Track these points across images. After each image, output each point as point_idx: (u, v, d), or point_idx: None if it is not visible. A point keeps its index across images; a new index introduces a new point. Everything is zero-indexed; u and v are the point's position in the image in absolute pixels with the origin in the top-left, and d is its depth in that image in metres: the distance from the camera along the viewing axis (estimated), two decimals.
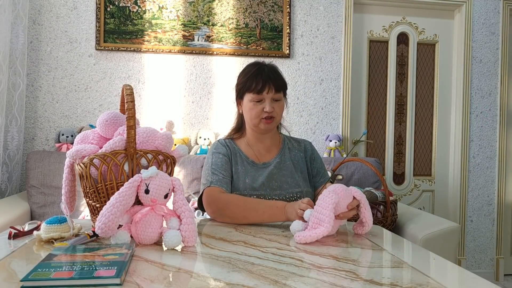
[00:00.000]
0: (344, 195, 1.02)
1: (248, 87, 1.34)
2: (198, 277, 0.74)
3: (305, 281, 0.71)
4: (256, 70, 1.36)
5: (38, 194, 2.18)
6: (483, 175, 2.97)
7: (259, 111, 1.34)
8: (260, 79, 1.33)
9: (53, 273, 0.69)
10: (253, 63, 1.42)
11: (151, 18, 2.55)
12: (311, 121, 2.74)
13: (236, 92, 1.42)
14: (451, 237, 1.79)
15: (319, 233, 0.96)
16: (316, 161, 1.47)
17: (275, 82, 1.34)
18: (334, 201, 0.98)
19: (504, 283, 2.93)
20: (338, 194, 1.01)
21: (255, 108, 1.34)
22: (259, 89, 1.32)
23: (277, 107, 1.35)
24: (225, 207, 1.23)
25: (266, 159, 1.41)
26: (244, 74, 1.39)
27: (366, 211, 1.06)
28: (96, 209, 1.04)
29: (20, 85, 2.32)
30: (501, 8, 2.92)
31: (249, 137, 1.44)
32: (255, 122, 1.36)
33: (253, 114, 1.35)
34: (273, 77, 1.34)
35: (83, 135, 1.11)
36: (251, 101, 1.35)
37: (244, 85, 1.36)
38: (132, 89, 1.02)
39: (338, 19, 2.75)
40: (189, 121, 2.62)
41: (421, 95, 2.99)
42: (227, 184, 1.32)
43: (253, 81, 1.33)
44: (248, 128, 1.44)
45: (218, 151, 1.39)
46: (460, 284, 0.79)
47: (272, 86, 1.33)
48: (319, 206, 1.00)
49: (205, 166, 1.38)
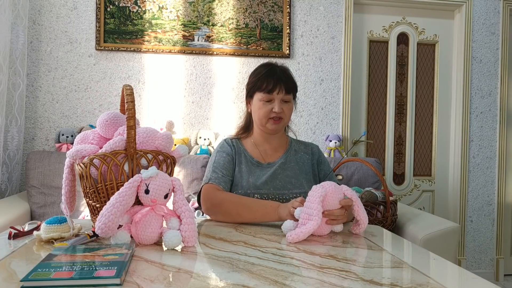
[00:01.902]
0: (333, 190, 1.03)
1: (258, 87, 1.36)
2: (198, 277, 0.74)
3: (305, 281, 0.71)
4: (268, 71, 1.37)
5: (38, 194, 2.18)
6: (483, 175, 2.97)
7: (268, 111, 1.35)
8: (271, 79, 1.34)
9: (53, 273, 0.69)
10: (265, 64, 1.42)
11: (151, 18, 2.55)
12: (311, 121, 2.74)
13: (247, 91, 1.43)
14: (451, 237, 1.79)
15: (309, 228, 0.96)
16: (323, 164, 1.47)
17: (286, 84, 1.35)
18: (321, 194, 0.99)
19: (504, 283, 2.93)
20: (324, 187, 1.02)
21: (264, 107, 1.35)
22: (270, 89, 1.33)
23: (286, 109, 1.36)
24: (219, 204, 1.24)
25: (271, 159, 1.42)
26: (256, 74, 1.40)
27: (360, 209, 1.07)
28: (96, 209, 1.04)
29: (20, 85, 2.32)
30: (501, 8, 2.92)
31: (256, 137, 1.45)
32: (263, 121, 1.37)
33: (261, 114, 1.36)
34: (285, 79, 1.35)
35: (83, 135, 1.11)
36: (260, 100, 1.36)
37: (255, 84, 1.37)
38: (132, 89, 1.02)
39: (338, 19, 2.75)
40: (189, 121, 2.62)
41: (421, 95, 2.99)
42: (225, 183, 1.32)
43: (264, 80, 1.35)
44: (256, 128, 1.44)
45: (223, 150, 1.41)
46: (460, 284, 0.79)
47: (282, 87, 1.34)
48: (308, 202, 1.01)
49: (209, 163, 1.40)
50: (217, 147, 1.44)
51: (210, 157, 1.43)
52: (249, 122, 1.48)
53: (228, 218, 1.23)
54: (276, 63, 1.42)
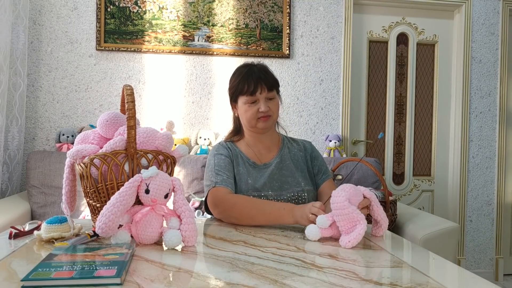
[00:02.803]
0: (354, 192, 1.01)
1: (240, 90, 1.34)
2: (198, 277, 0.74)
3: (305, 281, 0.72)
4: (246, 72, 1.35)
5: (39, 194, 2.18)
6: (482, 175, 2.97)
7: (254, 112, 1.34)
8: (251, 80, 1.32)
9: (54, 273, 0.69)
10: (242, 65, 1.41)
11: (152, 18, 2.55)
12: (311, 121, 2.74)
13: (230, 96, 1.42)
14: (450, 237, 1.79)
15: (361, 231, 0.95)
16: (317, 159, 1.47)
17: (266, 82, 1.33)
18: (346, 198, 0.97)
19: (503, 283, 2.93)
20: (346, 191, 0.99)
21: (250, 109, 1.34)
22: (252, 90, 1.32)
23: (272, 106, 1.35)
24: (231, 208, 1.22)
25: (266, 160, 1.41)
26: (235, 77, 1.39)
27: (379, 209, 1.05)
28: (96, 209, 1.04)
29: (21, 85, 2.33)
30: (501, 9, 2.92)
31: (248, 139, 1.44)
32: (252, 123, 1.36)
33: (249, 116, 1.35)
34: (264, 77, 1.34)
35: (83, 135, 1.11)
36: (245, 103, 1.34)
37: (236, 88, 1.36)
38: (132, 89, 1.03)
39: (338, 20, 2.75)
40: (189, 121, 2.62)
41: (420, 95, 3.00)
42: (231, 185, 1.31)
43: (244, 83, 1.33)
44: (246, 130, 1.44)
45: (220, 153, 1.39)
46: (459, 284, 0.79)
47: (264, 85, 1.33)
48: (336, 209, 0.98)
49: (207, 168, 1.37)
50: (213, 150, 1.42)
51: (207, 162, 1.40)
52: (239, 125, 1.46)
53: (242, 221, 1.20)
54: (253, 62, 1.41)
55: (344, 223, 0.98)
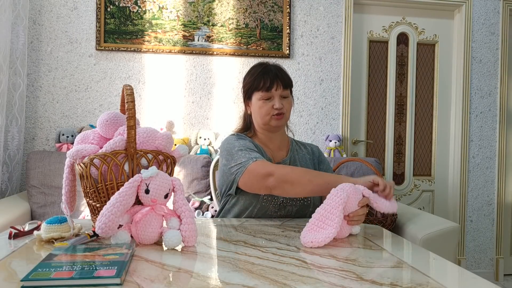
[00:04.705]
0: (353, 192, 1.01)
1: (256, 86, 1.35)
2: (198, 277, 0.74)
3: (305, 281, 0.72)
4: (263, 70, 1.37)
5: (39, 194, 2.18)
6: (483, 175, 2.97)
7: (269, 108, 1.34)
8: (267, 77, 1.34)
9: (53, 273, 0.69)
10: (258, 64, 1.42)
11: (151, 18, 2.55)
12: (311, 121, 2.74)
13: (244, 93, 1.42)
14: (451, 237, 1.79)
15: (329, 235, 0.94)
16: (323, 163, 1.48)
17: (282, 79, 1.35)
18: (343, 199, 0.97)
19: (503, 283, 2.93)
20: (346, 191, 0.99)
21: (264, 106, 1.35)
22: (268, 86, 1.33)
23: (285, 104, 1.36)
24: (286, 174, 1.19)
25: (277, 159, 1.42)
26: (251, 74, 1.40)
27: (379, 203, 1.05)
28: (96, 209, 1.04)
29: (21, 85, 2.33)
30: (501, 8, 2.92)
31: (260, 137, 1.44)
32: (265, 120, 1.36)
33: (263, 112, 1.35)
34: (280, 75, 1.36)
35: (83, 135, 1.11)
36: (260, 99, 1.35)
37: (252, 84, 1.37)
38: (132, 89, 1.02)
39: (338, 19, 2.75)
40: (189, 121, 2.62)
41: (421, 95, 3.00)
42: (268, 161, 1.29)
43: (261, 79, 1.35)
44: (258, 129, 1.43)
45: (242, 138, 1.37)
46: (460, 284, 0.79)
47: (280, 83, 1.34)
48: (328, 205, 0.98)
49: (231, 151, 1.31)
50: (230, 139, 1.37)
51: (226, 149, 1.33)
52: (249, 123, 1.47)
53: (300, 185, 1.17)
54: (269, 62, 1.43)
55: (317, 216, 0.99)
